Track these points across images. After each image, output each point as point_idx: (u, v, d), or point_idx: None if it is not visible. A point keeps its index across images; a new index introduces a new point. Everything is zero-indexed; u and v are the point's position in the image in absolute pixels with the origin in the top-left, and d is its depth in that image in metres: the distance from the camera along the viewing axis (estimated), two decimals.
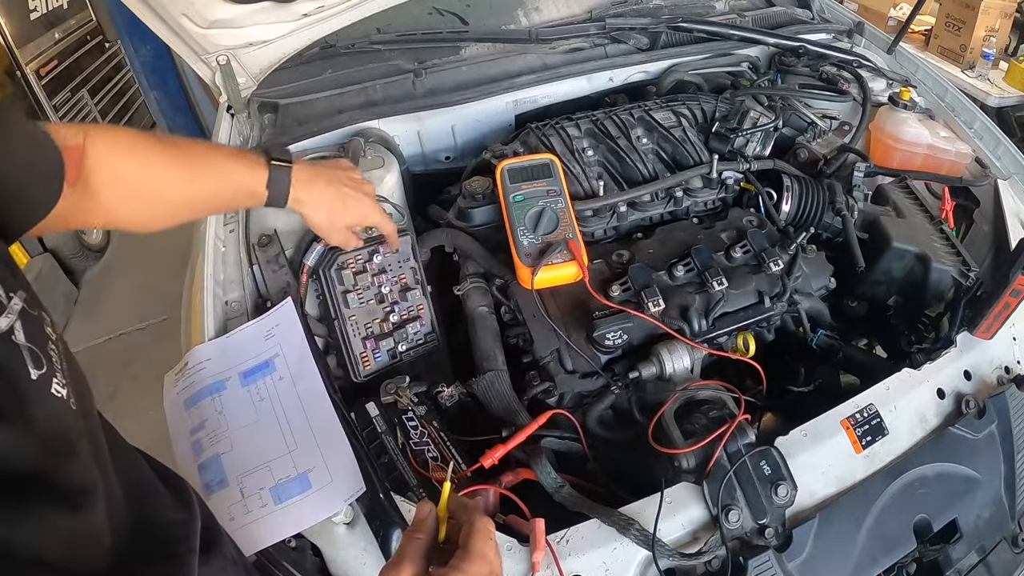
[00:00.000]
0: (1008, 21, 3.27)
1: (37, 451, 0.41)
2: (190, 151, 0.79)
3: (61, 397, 0.44)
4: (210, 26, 1.26)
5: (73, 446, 0.44)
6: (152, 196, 0.76)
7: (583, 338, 0.99)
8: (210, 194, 0.83)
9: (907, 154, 1.34)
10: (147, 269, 3.28)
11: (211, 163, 0.81)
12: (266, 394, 0.87)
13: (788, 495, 0.82)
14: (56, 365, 0.45)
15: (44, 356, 0.43)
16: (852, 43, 1.64)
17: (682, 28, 1.50)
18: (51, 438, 0.42)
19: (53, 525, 0.40)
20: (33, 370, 0.42)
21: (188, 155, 0.79)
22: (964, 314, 1.04)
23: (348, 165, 0.98)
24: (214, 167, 0.81)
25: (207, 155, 0.81)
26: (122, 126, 0.79)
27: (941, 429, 0.95)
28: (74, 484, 0.43)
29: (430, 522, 0.60)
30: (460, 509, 0.61)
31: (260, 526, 0.77)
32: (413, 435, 0.92)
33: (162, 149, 0.76)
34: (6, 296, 0.42)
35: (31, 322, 0.44)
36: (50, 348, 0.45)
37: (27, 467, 0.40)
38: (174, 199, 0.79)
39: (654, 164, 1.21)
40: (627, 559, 0.79)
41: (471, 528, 0.58)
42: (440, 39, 1.45)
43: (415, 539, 0.58)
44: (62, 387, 0.44)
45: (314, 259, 1.00)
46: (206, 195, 0.82)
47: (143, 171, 0.74)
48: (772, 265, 1.02)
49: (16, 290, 0.44)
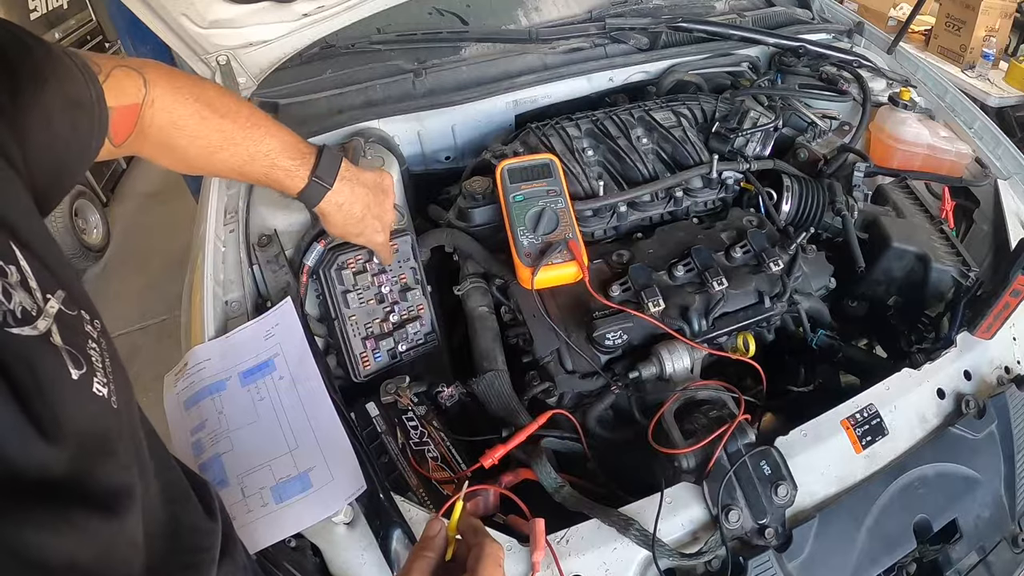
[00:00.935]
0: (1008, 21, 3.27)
1: (75, 454, 0.40)
2: (245, 129, 0.79)
3: (103, 396, 0.43)
4: (210, 26, 1.26)
5: (113, 446, 0.44)
6: (190, 160, 0.78)
7: (583, 338, 0.99)
8: (240, 172, 0.82)
9: (907, 154, 1.34)
10: (147, 269, 3.28)
11: (254, 151, 0.80)
12: (266, 393, 0.87)
13: (788, 495, 0.82)
14: (96, 364, 0.44)
15: (83, 356, 0.43)
16: (852, 43, 1.64)
17: (682, 28, 1.50)
18: (90, 439, 0.41)
19: (88, 529, 0.40)
20: (74, 370, 0.41)
21: (236, 129, 0.78)
22: (964, 314, 1.04)
23: (388, 185, 0.95)
24: (256, 156, 0.80)
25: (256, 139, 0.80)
26: (184, 75, 0.76)
27: (941, 429, 0.95)
28: (112, 486, 0.43)
29: (439, 540, 0.60)
30: (470, 531, 0.61)
31: (261, 525, 0.77)
32: (413, 435, 0.92)
33: (219, 124, 0.76)
34: (43, 299, 0.42)
35: (68, 323, 0.43)
36: (90, 347, 0.44)
37: (64, 470, 0.39)
38: (206, 167, 0.81)
39: (654, 164, 1.21)
40: (627, 559, 0.79)
41: (481, 552, 0.57)
42: (440, 39, 1.45)
43: (424, 556, 0.58)
44: (103, 386, 0.43)
45: (314, 259, 1.00)
46: (236, 171, 0.82)
47: (192, 143, 0.75)
48: (772, 265, 1.02)
49: (55, 290, 0.43)
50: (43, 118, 0.51)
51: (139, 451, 0.48)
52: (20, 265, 0.41)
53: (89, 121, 0.58)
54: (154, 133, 0.71)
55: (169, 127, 0.73)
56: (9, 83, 0.48)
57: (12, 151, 0.46)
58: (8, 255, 0.40)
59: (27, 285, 0.41)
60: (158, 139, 0.73)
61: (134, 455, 0.46)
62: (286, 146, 0.82)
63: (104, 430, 0.43)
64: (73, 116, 0.56)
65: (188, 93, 0.74)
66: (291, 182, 0.83)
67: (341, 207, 0.87)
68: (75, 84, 0.57)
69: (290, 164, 0.82)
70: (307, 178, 0.83)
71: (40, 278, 0.42)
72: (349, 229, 0.92)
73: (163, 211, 3.72)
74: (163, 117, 0.71)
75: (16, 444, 0.37)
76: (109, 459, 0.43)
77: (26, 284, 0.41)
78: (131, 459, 0.46)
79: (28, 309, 0.40)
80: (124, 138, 0.67)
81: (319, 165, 0.84)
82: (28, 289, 0.41)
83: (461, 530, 0.62)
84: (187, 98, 0.73)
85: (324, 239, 1.01)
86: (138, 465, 0.47)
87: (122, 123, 0.66)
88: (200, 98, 0.74)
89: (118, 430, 0.45)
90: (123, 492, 0.44)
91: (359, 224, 0.91)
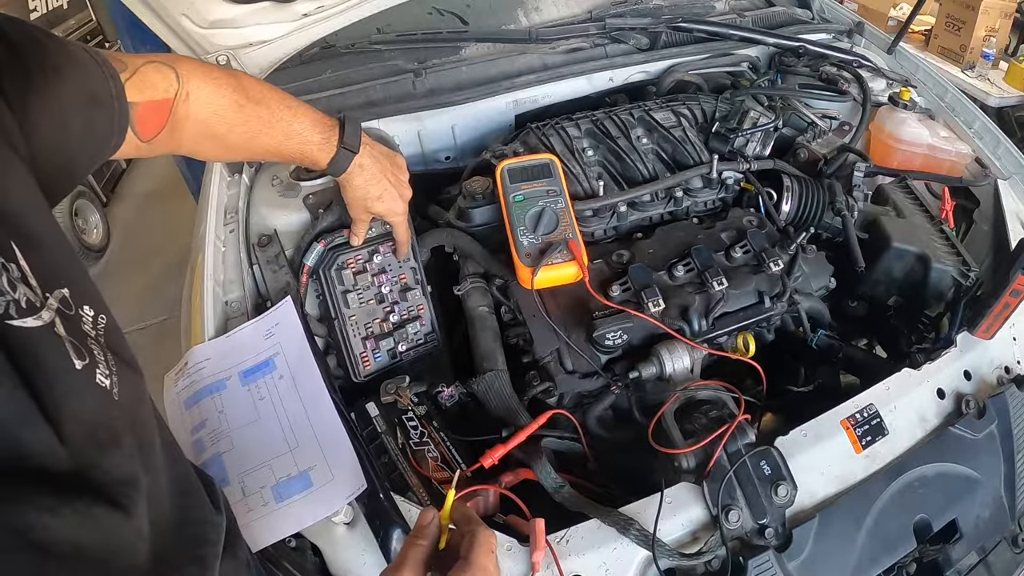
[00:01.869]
0: (1008, 21, 3.27)
1: (79, 442, 0.40)
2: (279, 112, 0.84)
3: (105, 387, 0.44)
4: (210, 26, 1.26)
5: (116, 437, 0.44)
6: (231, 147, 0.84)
7: (583, 338, 0.99)
8: (276, 153, 0.87)
9: (907, 154, 1.34)
10: (147, 269, 3.28)
11: (289, 131, 0.85)
12: (266, 393, 0.87)
13: (788, 495, 0.82)
14: (99, 358, 0.44)
15: (85, 349, 0.43)
16: (852, 43, 1.64)
17: (682, 28, 1.50)
18: (93, 428, 0.42)
19: (90, 515, 0.40)
20: (76, 360, 0.42)
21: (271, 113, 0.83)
22: (964, 314, 1.04)
23: (402, 163, 1.00)
24: (291, 135, 0.85)
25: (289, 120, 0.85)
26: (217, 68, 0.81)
27: (941, 429, 0.95)
28: (116, 476, 0.43)
29: (432, 529, 0.60)
30: (463, 519, 0.62)
31: (262, 524, 0.77)
32: (413, 435, 0.92)
33: (256, 111, 0.81)
34: (43, 296, 0.42)
35: (68, 319, 0.43)
36: (90, 343, 0.44)
37: (67, 457, 0.39)
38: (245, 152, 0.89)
39: (654, 164, 1.21)
40: (627, 559, 0.79)
41: (474, 540, 0.58)
42: (440, 39, 1.45)
43: (417, 545, 0.59)
44: (105, 378, 0.44)
45: (314, 259, 1.00)
46: (273, 152, 0.87)
47: (232, 130, 0.79)
48: (772, 265, 1.02)
49: (55, 289, 0.43)
50: (56, 112, 0.52)
51: (145, 443, 0.48)
52: (19, 264, 0.41)
53: (107, 117, 0.59)
54: (191, 126, 0.75)
55: (210, 117, 0.77)
56: (21, 78, 0.48)
57: (18, 143, 0.46)
58: (7, 251, 0.40)
59: (27, 282, 0.41)
60: (197, 131, 0.76)
61: (138, 447, 0.46)
62: (314, 122, 0.88)
63: (107, 420, 0.44)
64: (89, 112, 0.57)
65: (226, 84, 0.78)
66: (322, 154, 0.88)
67: (364, 169, 0.92)
68: (92, 79, 0.57)
69: (320, 138, 0.88)
70: (336, 147, 0.89)
71: (40, 276, 0.42)
72: (371, 190, 0.94)
73: (163, 211, 3.72)
74: (203, 109, 0.75)
75: (25, 428, 0.37)
76: (113, 450, 0.43)
77: (26, 281, 0.41)
78: (135, 451, 0.46)
79: (32, 300, 0.40)
80: (154, 133, 0.68)
81: (344, 133, 0.89)
82: (28, 287, 0.41)
83: (454, 519, 0.62)
84: (225, 88, 0.77)
85: (324, 239, 1.01)
86: (143, 457, 0.47)
87: (151, 118, 0.67)
88: (237, 88, 0.79)
89: (122, 422, 0.45)
90: (127, 483, 0.44)
91: (379, 185, 0.94)
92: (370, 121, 1.28)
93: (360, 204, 0.95)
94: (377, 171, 0.93)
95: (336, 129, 0.89)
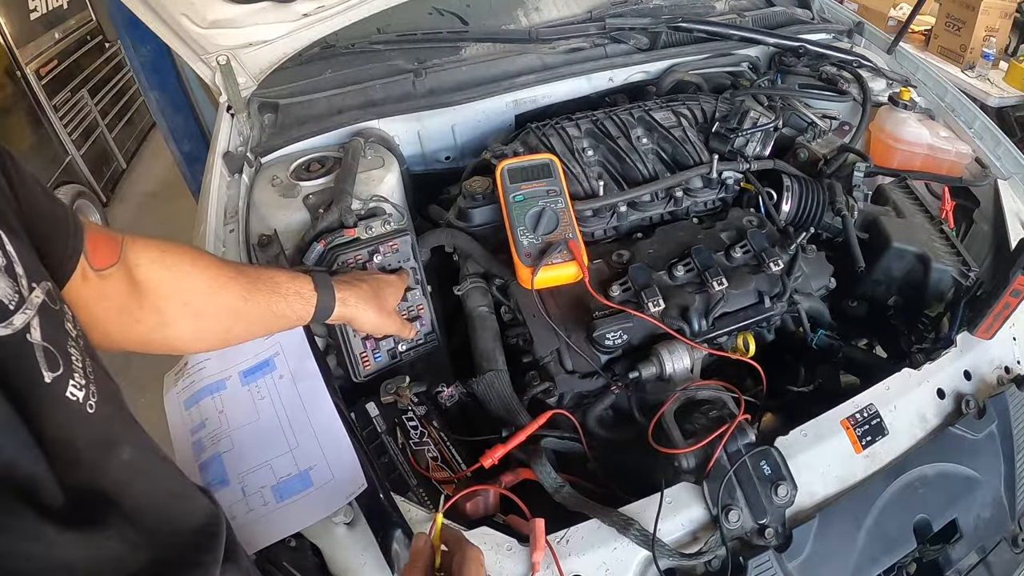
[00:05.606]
0: (1008, 21, 3.27)
1: (45, 459, 0.39)
2: (251, 278, 0.80)
3: (76, 401, 0.42)
4: (210, 26, 1.26)
5: (82, 453, 0.43)
6: (214, 317, 0.77)
7: (583, 338, 0.99)
8: (262, 323, 0.83)
9: (907, 154, 1.34)
10: None
11: (269, 305, 0.81)
12: (266, 392, 0.87)
13: (788, 495, 0.82)
14: (76, 365, 0.43)
15: (61, 355, 0.42)
16: (852, 43, 1.64)
17: (682, 28, 1.50)
18: (60, 446, 0.41)
19: (63, 535, 0.39)
20: (47, 372, 0.41)
21: (250, 280, 0.79)
22: (964, 314, 1.04)
23: (391, 278, 0.99)
24: (271, 299, 0.81)
25: (268, 290, 0.81)
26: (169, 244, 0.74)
27: (941, 429, 0.95)
28: (85, 491, 0.42)
29: (426, 552, 0.65)
30: (452, 539, 0.67)
31: (262, 524, 0.77)
32: (413, 435, 0.92)
33: (227, 272, 0.77)
34: (28, 287, 0.41)
35: (51, 317, 0.42)
36: (70, 345, 0.43)
37: (35, 476, 0.38)
38: (232, 320, 0.79)
39: (654, 164, 1.21)
40: (627, 559, 0.79)
41: (463, 557, 0.63)
42: (440, 39, 1.45)
43: (415, 568, 0.63)
44: (79, 389, 0.43)
45: (314, 259, 1.00)
46: (259, 320, 0.82)
47: (211, 292, 0.75)
48: (772, 265, 1.02)
49: (41, 280, 0.43)
50: (32, 187, 0.51)
51: (123, 453, 0.48)
52: (6, 249, 0.40)
53: (64, 215, 0.56)
54: (167, 289, 0.70)
55: (182, 281, 0.72)
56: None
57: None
58: None
59: (12, 271, 0.40)
60: (174, 297, 0.71)
61: (117, 462, 0.46)
62: (291, 279, 0.85)
63: (75, 437, 0.42)
64: (50, 204, 0.54)
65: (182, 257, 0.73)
66: (305, 310, 0.85)
67: (348, 296, 0.89)
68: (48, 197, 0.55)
69: (300, 300, 0.84)
70: (315, 295, 0.85)
71: (27, 264, 0.42)
72: (380, 312, 0.92)
73: (163, 211, 3.72)
74: (163, 274, 0.70)
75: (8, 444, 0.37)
76: (82, 465, 0.42)
77: (11, 269, 0.40)
78: (105, 466, 0.45)
79: (6, 302, 0.39)
80: (105, 263, 0.62)
81: (315, 280, 0.86)
82: (13, 275, 0.40)
83: (444, 539, 0.68)
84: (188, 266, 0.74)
85: (324, 239, 1.01)
86: (120, 468, 0.46)
87: (100, 246, 0.62)
88: (195, 264, 0.74)
89: (93, 437, 0.44)
90: (99, 498, 0.43)
91: (375, 293, 0.92)
92: (370, 121, 1.28)
93: (380, 317, 0.94)
94: (358, 288, 0.91)
95: (307, 279, 0.86)
